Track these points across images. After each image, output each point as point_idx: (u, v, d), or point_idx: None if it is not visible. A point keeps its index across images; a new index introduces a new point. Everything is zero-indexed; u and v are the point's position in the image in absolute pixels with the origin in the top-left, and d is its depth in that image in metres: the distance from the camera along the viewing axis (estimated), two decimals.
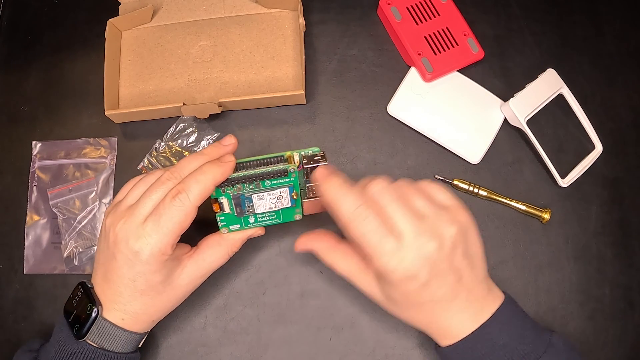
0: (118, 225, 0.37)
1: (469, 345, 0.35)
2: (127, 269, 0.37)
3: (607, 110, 0.50)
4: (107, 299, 0.38)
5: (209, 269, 0.41)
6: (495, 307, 0.36)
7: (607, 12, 0.53)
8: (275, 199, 0.40)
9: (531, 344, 0.35)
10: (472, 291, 0.36)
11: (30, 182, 0.50)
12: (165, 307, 0.40)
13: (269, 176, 0.38)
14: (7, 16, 0.55)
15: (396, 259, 0.34)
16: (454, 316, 0.36)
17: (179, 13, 0.53)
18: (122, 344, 0.38)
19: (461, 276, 0.36)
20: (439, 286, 0.35)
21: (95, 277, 0.40)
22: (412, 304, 0.36)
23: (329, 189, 0.36)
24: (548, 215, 0.47)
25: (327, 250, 0.40)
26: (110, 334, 0.37)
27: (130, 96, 0.51)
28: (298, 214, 0.42)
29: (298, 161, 0.39)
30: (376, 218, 0.34)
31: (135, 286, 0.37)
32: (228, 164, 0.38)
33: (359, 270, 0.38)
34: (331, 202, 0.36)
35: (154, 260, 0.37)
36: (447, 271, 0.35)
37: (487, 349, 0.35)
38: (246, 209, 0.40)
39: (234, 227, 0.41)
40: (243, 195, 0.39)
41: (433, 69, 0.49)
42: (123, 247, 0.36)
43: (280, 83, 0.50)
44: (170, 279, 0.39)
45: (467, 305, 0.36)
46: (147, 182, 0.39)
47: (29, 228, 0.49)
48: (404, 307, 0.37)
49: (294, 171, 0.39)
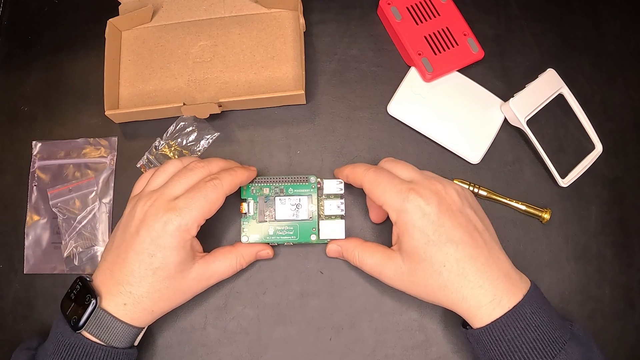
0: (147, 204, 0.39)
1: (503, 324, 0.35)
2: (149, 241, 0.38)
3: (607, 110, 0.50)
4: (113, 282, 0.38)
5: (217, 274, 0.42)
6: (525, 288, 0.37)
7: (607, 12, 0.53)
8: (295, 206, 0.45)
9: (558, 330, 0.36)
10: (492, 250, 0.37)
11: (30, 182, 0.50)
12: (169, 298, 0.40)
13: (292, 181, 0.46)
14: (7, 16, 0.55)
15: (407, 190, 0.38)
16: (485, 279, 0.36)
17: (179, 13, 0.53)
18: (119, 337, 0.38)
19: (476, 227, 0.38)
20: (453, 226, 0.37)
21: (102, 264, 0.40)
22: (434, 253, 0.37)
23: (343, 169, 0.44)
24: (548, 215, 0.47)
25: (354, 248, 0.43)
26: (108, 326, 0.37)
27: (130, 96, 0.51)
28: (314, 234, 0.45)
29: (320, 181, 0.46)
30: (387, 171, 0.41)
31: (151, 262, 0.38)
32: (254, 172, 0.45)
33: (386, 258, 0.40)
34: (349, 174, 0.43)
35: (179, 236, 0.38)
36: (457, 213, 0.38)
37: (520, 330, 0.35)
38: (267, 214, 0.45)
39: (254, 236, 0.45)
40: (268, 197, 0.45)
41: (433, 69, 0.49)
42: (151, 220, 0.38)
43: (280, 83, 0.50)
44: (183, 266, 0.39)
45: (495, 269, 0.36)
46: (166, 171, 0.42)
47: (29, 228, 0.49)
48: (429, 263, 0.37)
49: (315, 181, 0.46)
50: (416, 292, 0.39)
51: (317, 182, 0.46)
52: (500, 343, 0.35)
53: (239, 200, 0.46)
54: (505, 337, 0.35)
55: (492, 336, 0.36)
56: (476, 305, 0.36)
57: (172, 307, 0.41)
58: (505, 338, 0.35)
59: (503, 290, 0.36)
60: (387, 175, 0.40)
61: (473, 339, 0.38)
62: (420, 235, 0.37)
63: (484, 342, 0.36)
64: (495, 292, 0.36)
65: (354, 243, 0.43)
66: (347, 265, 0.47)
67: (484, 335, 0.36)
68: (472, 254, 0.36)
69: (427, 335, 0.45)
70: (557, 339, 0.35)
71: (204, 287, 0.42)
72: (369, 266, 0.41)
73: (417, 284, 0.39)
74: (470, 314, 0.37)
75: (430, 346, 0.45)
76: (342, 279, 0.47)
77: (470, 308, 0.37)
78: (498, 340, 0.35)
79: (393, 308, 0.46)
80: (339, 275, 0.47)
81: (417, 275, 0.38)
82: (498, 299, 0.36)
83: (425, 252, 0.37)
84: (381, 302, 0.46)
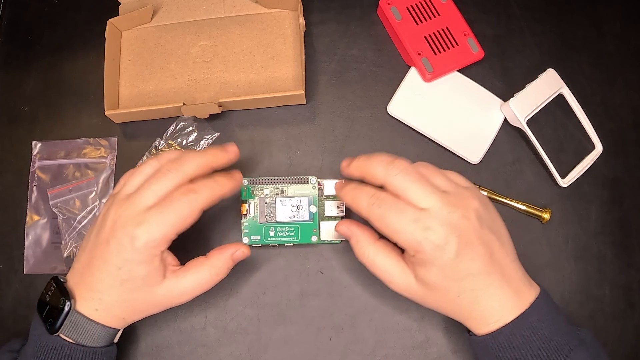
0: (118, 212, 0.37)
1: (508, 332, 0.35)
2: (117, 254, 0.37)
3: (607, 110, 0.50)
4: (85, 287, 0.38)
5: (189, 290, 0.39)
6: (533, 296, 0.37)
7: (607, 12, 0.53)
8: (295, 207, 0.45)
9: (565, 336, 0.36)
10: (505, 270, 0.36)
11: (30, 182, 0.50)
12: (137, 308, 0.39)
13: (293, 182, 0.45)
14: (7, 16, 0.55)
15: (422, 229, 0.35)
16: (494, 299, 0.36)
17: (179, 13, 0.53)
18: (96, 337, 0.38)
19: (492, 251, 0.36)
20: (472, 258, 0.35)
21: (76, 264, 0.39)
22: (451, 286, 0.36)
23: (345, 193, 0.40)
24: (548, 215, 0.47)
25: (367, 241, 0.39)
26: (84, 328, 0.37)
27: (130, 96, 0.51)
28: (315, 235, 0.45)
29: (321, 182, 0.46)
30: (392, 198, 0.36)
31: (118, 274, 0.37)
32: (238, 182, 0.41)
33: (399, 270, 0.38)
34: (351, 204, 0.39)
35: (146, 251, 0.36)
36: (476, 242, 0.35)
37: (525, 338, 0.35)
38: (268, 215, 0.45)
39: (255, 237, 0.45)
40: (268, 198, 0.45)
41: (433, 69, 0.49)
42: (120, 233, 0.36)
43: (280, 83, 0.50)
44: (151, 280, 0.38)
45: (505, 287, 0.36)
46: (143, 173, 0.39)
47: (29, 228, 0.49)
48: (443, 292, 0.36)
49: (315, 182, 0.45)
50: (426, 305, 0.39)
51: (318, 183, 0.46)
52: (505, 350, 0.35)
53: (240, 202, 0.46)
54: (511, 344, 0.35)
55: (497, 343, 0.36)
56: (484, 324, 0.36)
57: (145, 316, 0.40)
58: (510, 346, 0.35)
59: (511, 308, 0.36)
60: (394, 210, 0.36)
61: (477, 346, 0.38)
62: (438, 272, 0.36)
63: (489, 349, 0.36)
64: (503, 312, 0.36)
65: (368, 238, 0.39)
66: (347, 265, 0.47)
67: (489, 341, 0.36)
68: (486, 281, 0.36)
69: (427, 335, 0.45)
70: (563, 347, 0.35)
71: (177, 302, 0.39)
72: (379, 271, 0.39)
73: (427, 303, 0.38)
74: (475, 329, 0.37)
75: (430, 346, 0.45)
76: (342, 279, 0.47)
77: (478, 325, 0.37)
78: (503, 347, 0.35)
79: (393, 308, 0.46)
80: (339, 275, 0.47)
81: (430, 298, 0.38)
82: (505, 318, 0.36)
83: (442, 284, 0.36)
84: (381, 302, 0.46)
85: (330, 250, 0.47)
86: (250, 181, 0.46)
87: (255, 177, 0.46)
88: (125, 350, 0.46)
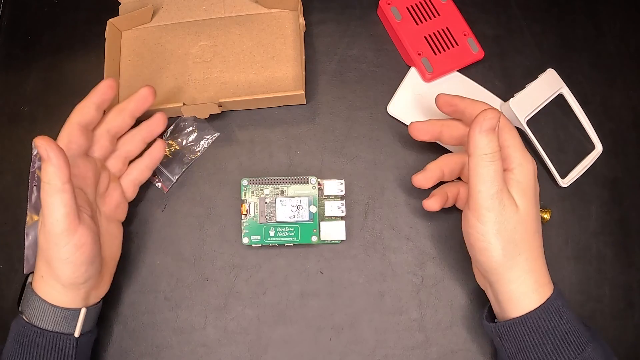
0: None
1: (538, 315, 0.36)
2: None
3: (607, 110, 0.50)
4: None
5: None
6: (552, 287, 0.38)
7: (607, 12, 0.53)
8: (295, 207, 0.45)
9: (583, 325, 0.37)
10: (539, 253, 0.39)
11: (30, 182, 0.50)
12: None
13: (293, 182, 0.46)
14: (7, 16, 0.55)
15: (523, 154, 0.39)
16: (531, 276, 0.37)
17: (179, 13, 0.53)
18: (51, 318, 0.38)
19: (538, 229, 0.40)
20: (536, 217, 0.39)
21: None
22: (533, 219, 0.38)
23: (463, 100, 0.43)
24: (548, 215, 0.47)
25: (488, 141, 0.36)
26: (37, 307, 0.39)
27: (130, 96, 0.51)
28: (315, 235, 0.45)
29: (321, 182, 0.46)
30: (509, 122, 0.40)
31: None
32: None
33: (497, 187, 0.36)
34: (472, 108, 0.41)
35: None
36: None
37: (555, 322, 0.36)
38: (268, 216, 0.45)
39: (255, 237, 0.45)
40: (268, 198, 0.45)
41: (433, 69, 0.49)
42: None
43: (280, 83, 0.50)
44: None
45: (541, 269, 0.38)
46: None
47: (29, 228, 0.49)
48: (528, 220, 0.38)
49: (315, 182, 0.45)
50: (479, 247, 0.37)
51: (318, 183, 0.46)
52: (533, 334, 0.36)
53: (240, 202, 0.46)
54: (540, 328, 0.36)
55: (527, 327, 0.37)
56: (523, 292, 0.37)
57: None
58: (539, 330, 0.36)
59: (543, 283, 0.38)
60: (512, 130, 0.39)
61: (503, 330, 0.38)
62: (528, 192, 0.38)
63: (516, 332, 0.37)
64: (538, 284, 0.37)
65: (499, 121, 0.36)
66: (347, 265, 0.47)
67: (518, 325, 0.37)
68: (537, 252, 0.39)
69: (427, 335, 0.45)
70: (585, 333, 0.37)
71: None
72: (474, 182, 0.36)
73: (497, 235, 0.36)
74: (511, 300, 0.37)
75: (430, 346, 0.45)
76: (342, 279, 0.47)
77: (514, 293, 0.37)
78: (531, 331, 0.36)
79: (393, 308, 0.46)
80: (339, 275, 0.47)
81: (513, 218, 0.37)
82: (539, 290, 0.37)
83: (530, 208, 0.38)
84: (381, 302, 0.46)
85: (330, 250, 0.47)
86: (250, 181, 0.46)
87: (255, 177, 0.46)
88: (125, 350, 0.46)
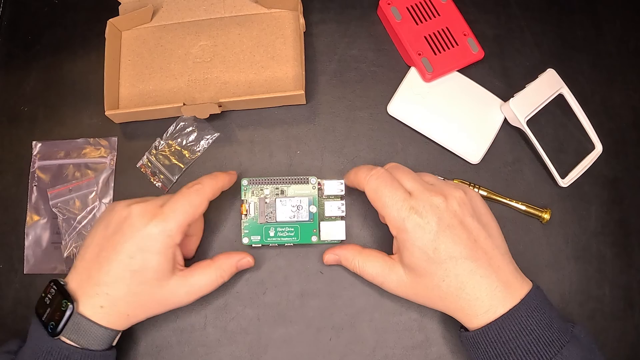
0: (133, 205, 0.39)
1: (498, 326, 0.36)
2: (131, 242, 0.37)
3: (607, 110, 0.50)
4: (90, 283, 0.38)
5: (196, 289, 0.41)
6: (525, 291, 0.37)
7: (607, 12, 0.53)
8: (295, 207, 0.45)
9: (556, 332, 0.36)
10: (493, 260, 0.37)
11: (30, 182, 0.50)
12: (145, 305, 0.39)
13: (293, 182, 0.46)
14: (7, 16, 0.55)
15: (407, 208, 0.38)
16: (480, 288, 0.37)
17: (179, 13, 0.53)
18: (97, 340, 0.38)
19: (477, 239, 0.38)
20: (453, 241, 0.37)
21: (79, 263, 0.39)
22: (434, 269, 0.37)
23: (349, 172, 0.44)
24: (548, 215, 0.47)
25: (353, 256, 0.43)
26: (86, 330, 0.37)
27: (130, 96, 0.51)
28: (315, 235, 0.45)
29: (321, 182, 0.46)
30: (389, 175, 0.40)
31: (129, 263, 0.37)
32: (234, 175, 0.45)
33: (387, 268, 0.41)
34: (353, 178, 0.42)
35: (162, 240, 0.38)
36: (458, 227, 0.37)
37: (514, 333, 0.36)
38: (268, 216, 0.45)
39: (255, 237, 0.45)
40: (268, 198, 0.45)
41: (433, 69, 0.49)
42: (136, 221, 0.38)
43: (280, 83, 0.50)
44: (161, 274, 0.39)
45: (493, 277, 0.37)
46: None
47: (29, 228, 0.49)
48: (429, 277, 0.38)
49: (315, 182, 0.45)
50: (418, 301, 0.40)
51: (318, 184, 0.46)
52: (495, 345, 0.36)
53: (240, 202, 0.46)
54: (500, 339, 0.36)
55: (487, 338, 0.36)
56: (473, 315, 0.37)
57: (149, 315, 0.40)
58: (500, 340, 0.36)
59: (500, 299, 0.37)
60: (388, 186, 0.39)
61: (468, 342, 0.38)
62: (420, 254, 0.38)
63: (479, 344, 0.37)
64: (492, 302, 0.37)
65: (353, 251, 0.43)
66: None
67: (479, 337, 0.37)
68: (470, 267, 0.37)
69: (427, 335, 0.45)
70: (555, 342, 0.35)
71: (182, 302, 0.41)
72: (371, 276, 0.42)
73: (419, 295, 0.40)
74: (466, 322, 0.38)
75: (430, 346, 0.45)
76: (342, 279, 0.47)
77: (467, 317, 0.38)
78: (493, 342, 0.36)
79: (393, 308, 0.46)
80: (339, 275, 0.47)
81: (419, 287, 0.39)
82: (494, 308, 0.37)
83: (426, 268, 0.38)
84: (381, 302, 0.46)
85: None
86: (250, 181, 0.46)
87: (255, 177, 0.46)
88: (125, 350, 0.46)
